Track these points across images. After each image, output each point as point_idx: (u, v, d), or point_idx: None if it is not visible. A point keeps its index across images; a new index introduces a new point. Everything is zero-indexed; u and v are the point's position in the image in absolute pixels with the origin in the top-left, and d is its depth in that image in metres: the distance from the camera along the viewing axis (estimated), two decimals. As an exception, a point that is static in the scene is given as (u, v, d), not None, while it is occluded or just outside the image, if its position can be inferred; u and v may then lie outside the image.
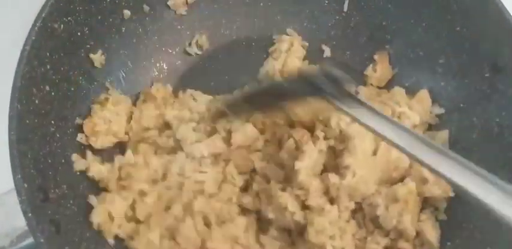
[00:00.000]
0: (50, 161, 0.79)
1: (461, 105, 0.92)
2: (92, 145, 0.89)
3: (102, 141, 0.89)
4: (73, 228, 0.78)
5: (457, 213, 0.86)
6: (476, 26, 0.88)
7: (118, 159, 0.89)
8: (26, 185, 0.70)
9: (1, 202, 0.85)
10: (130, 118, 0.94)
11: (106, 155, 0.91)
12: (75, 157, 0.86)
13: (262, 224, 0.89)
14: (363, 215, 0.86)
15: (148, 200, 0.85)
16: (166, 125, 0.95)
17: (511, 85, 0.83)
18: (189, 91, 1.00)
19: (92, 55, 0.93)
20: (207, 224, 0.86)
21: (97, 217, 0.82)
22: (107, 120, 0.90)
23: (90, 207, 0.84)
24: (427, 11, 0.96)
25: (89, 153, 0.89)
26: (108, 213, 0.83)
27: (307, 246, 0.83)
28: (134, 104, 0.97)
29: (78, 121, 0.89)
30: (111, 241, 0.83)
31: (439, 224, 0.86)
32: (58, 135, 0.83)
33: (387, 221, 0.83)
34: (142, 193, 0.86)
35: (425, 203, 0.89)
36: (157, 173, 0.88)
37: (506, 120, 0.83)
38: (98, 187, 0.88)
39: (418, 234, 0.85)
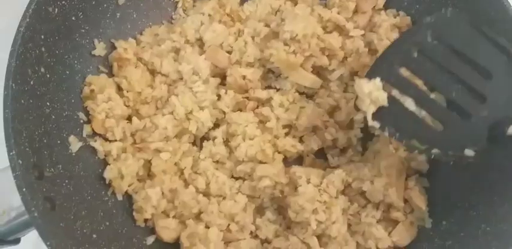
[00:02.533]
0: (45, 141, 0.80)
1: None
2: (110, 138, 0.91)
3: (117, 131, 0.90)
4: (68, 206, 0.78)
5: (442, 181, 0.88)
6: (468, 4, 0.89)
7: (128, 127, 0.91)
8: (20, 162, 0.71)
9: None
10: (120, 89, 0.95)
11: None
12: (72, 139, 0.87)
13: (259, 208, 0.90)
14: (352, 190, 0.87)
15: (163, 156, 0.88)
16: (153, 73, 0.97)
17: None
18: (147, 30, 1.02)
19: (96, 44, 0.95)
20: (207, 195, 0.88)
21: (109, 173, 0.87)
22: (108, 111, 0.90)
23: (86, 188, 0.84)
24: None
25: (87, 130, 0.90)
26: (119, 171, 0.87)
27: (301, 230, 0.84)
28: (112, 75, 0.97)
29: (81, 116, 0.91)
30: (120, 197, 0.89)
31: (434, 204, 0.86)
32: (53, 117, 0.84)
33: (374, 195, 0.84)
34: (158, 151, 0.89)
35: (410, 169, 0.90)
36: (168, 130, 0.91)
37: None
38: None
39: (407, 201, 0.86)
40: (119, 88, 0.95)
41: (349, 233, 0.85)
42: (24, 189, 0.69)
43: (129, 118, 0.94)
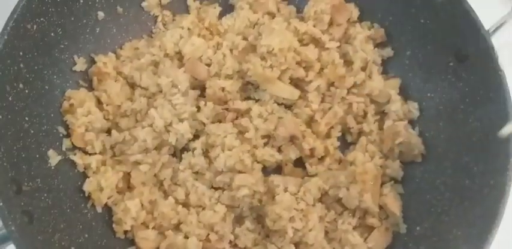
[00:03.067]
0: (23, 155, 0.81)
1: (429, 95, 0.94)
2: (89, 151, 0.92)
3: (97, 144, 0.92)
4: (47, 220, 0.79)
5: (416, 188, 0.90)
6: (438, 17, 0.91)
7: (107, 140, 0.93)
8: (-3, 177, 0.72)
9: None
10: (99, 102, 0.96)
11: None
12: (51, 152, 0.88)
13: (238, 217, 0.92)
14: (329, 198, 0.88)
15: (142, 167, 0.90)
16: (133, 87, 0.99)
17: (473, 73, 0.86)
18: (127, 44, 1.04)
19: (76, 59, 0.96)
20: (187, 206, 0.89)
21: (88, 186, 0.88)
22: (88, 125, 0.92)
23: (65, 201, 0.86)
24: (393, 5, 0.98)
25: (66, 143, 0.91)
26: (98, 183, 0.88)
27: (279, 238, 0.86)
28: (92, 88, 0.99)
29: (60, 130, 0.92)
30: (99, 209, 0.89)
31: (408, 210, 0.88)
32: (32, 131, 0.85)
33: (350, 201, 0.86)
34: (137, 163, 0.91)
35: (384, 176, 0.92)
36: (147, 142, 0.92)
37: (470, 106, 0.85)
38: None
39: (382, 207, 0.88)
40: (99, 102, 0.97)
41: (326, 240, 0.87)
42: (1, 203, 0.70)
43: (108, 131, 0.95)
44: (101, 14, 0.99)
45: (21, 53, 0.84)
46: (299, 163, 0.97)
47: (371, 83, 0.97)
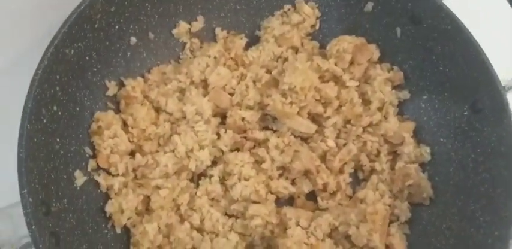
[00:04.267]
0: (53, 176, 0.85)
1: (441, 140, 0.98)
2: (113, 173, 0.96)
3: (120, 166, 0.95)
4: (71, 241, 0.83)
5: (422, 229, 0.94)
6: (457, 67, 0.95)
7: (130, 162, 0.96)
8: (31, 200, 0.76)
9: (9, 214, 0.91)
10: (125, 125, 1.00)
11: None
12: (77, 173, 0.91)
13: (249, 246, 0.96)
14: (338, 234, 0.92)
15: (162, 192, 0.94)
16: (158, 111, 1.03)
17: (487, 125, 0.89)
18: (155, 68, 1.07)
19: (107, 83, 1.00)
20: (201, 231, 0.94)
21: (110, 207, 0.92)
22: (113, 146, 0.95)
23: (87, 221, 0.89)
24: (414, 50, 1.03)
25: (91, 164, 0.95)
26: (119, 205, 0.92)
27: None
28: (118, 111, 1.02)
29: (87, 150, 0.95)
30: (118, 230, 0.93)
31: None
32: (62, 152, 0.89)
33: (359, 239, 0.90)
34: (157, 187, 0.95)
35: (392, 215, 0.96)
36: (168, 167, 0.96)
37: (481, 156, 0.89)
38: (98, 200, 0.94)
39: (388, 247, 0.92)
40: (125, 124, 1.00)
41: (333, 275, 0.91)
42: (33, 226, 0.74)
43: (131, 154, 0.99)
44: (133, 39, 1.03)
45: (57, 77, 0.88)
46: (311, 195, 1.01)
47: (386, 124, 1.01)
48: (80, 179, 0.91)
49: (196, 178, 1.01)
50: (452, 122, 0.96)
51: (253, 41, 1.13)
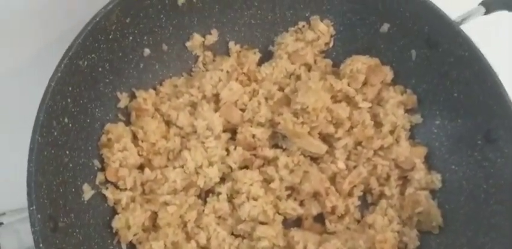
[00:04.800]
0: (61, 190, 0.83)
1: (453, 167, 0.98)
2: (121, 187, 0.94)
3: (129, 180, 0.94)
4: (77, 258, 0.81)
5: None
6: (472, 95, 0.95)
7: (139, 177, 0.95)
8: (39, 216, 0.74)
9: (16, 229, 0.90)
10: (135, 138, 0.99)
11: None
12: (85, 186, 0.90)
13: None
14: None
15: (170, 209, 0.92)
16: (168, 124, 1.02)
17: (500, 156, 0.89)
18: (167, 81, 1.06)
19: (119, 95, 0.99)
20: None
21: (117, 223, 0.90)
22: (122, 160, 0.94)
23: (94, 236, 0.88)
24: (428, 74, 1.02)
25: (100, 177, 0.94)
26: (126, 221, 0.90)
27: None
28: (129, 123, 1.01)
29: (96, 163, 0.94)
30: (124, 246, 0.91)
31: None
32: (71, 165, 0.87)
33: (367, 269, 0.89)
34: (165, 204, 0.93)
35: (401, 243, 0.95)
36: (176, 183, 0.95)
37: (493, 187, 0.89)
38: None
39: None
40: (134, 137, 0.99)
41: None
42: (41, 245, 0.72)
43: (141, 167, 0.98)
44: (147, 51, 1.02)
45: (70, 88, 0.86)
46: (318, 217, 1.00)
47: (398, 148, 1.00)
48: (87, 193, 0.90)
49: (204, 194, 1.00)
50: (465, 150, 0.96)
51: (266, 56, 1.12)
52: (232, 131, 1.04)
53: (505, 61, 0.97)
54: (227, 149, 1.01)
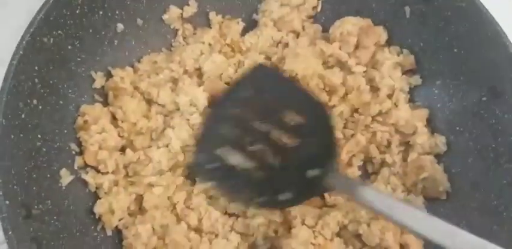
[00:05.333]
0: (34, 176, 0.78)
1: (458, 128, 0.90)
2: (102, 170, 0.88)
3: (110, 163, 0.88)
4: (56, 245, 0.76)
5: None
6: (473, 49, 0.87)
7: (121, 159, 0.89)
8: (7, 202, 0.69)
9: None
10: (114, 119, 0.93)
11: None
12: (63, 172, 0.84)
13: (251, 246, 0.88)
14: (348, 232, 0.85)
15: (156, 191, 0.87)
16: (150, 103, 0.95)
17: (508, 111, 0.81)
18: (146, 57, 1.00)
19: (93, 74, 0.93)
20: (199, 232, 0.86)
21: (100, 208, 0.85)
22: (102, 142, 0.88)
23: (75, 223, 0.83)
24: (424, 31, 0.94)
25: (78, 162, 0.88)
26: (109, 205, 0.85)
27: None
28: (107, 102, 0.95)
29: (73, 147, 0.88)
30: (109, 232, 0.86)
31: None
32: (44, 149, 0.82)
33: (370, 238, 0.82)
34: (151, 185, 0.87)
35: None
36: (162, 164, 0.89)
37: (502, 146, 0.81)
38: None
39: (403, 246, 0.84)
40: (114, 118, 0.93)
41: (343, 277, 0.84)
42: (10, 232, 0.67)
43: (122, 149, 0.92)
44: (120, 26, 0.96)
45: (36, 68, 0.80)
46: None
47: (397, 112, 0.93)
48: (65, 178, 0.84)
49: (193, 174, 0.94)
50: (470, 108, 0.88)
51: (251, 25, 1.05)
52: (218, 105, 0.97)
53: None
54: (215, 126, 0.94)
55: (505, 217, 0.76)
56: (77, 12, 0.87)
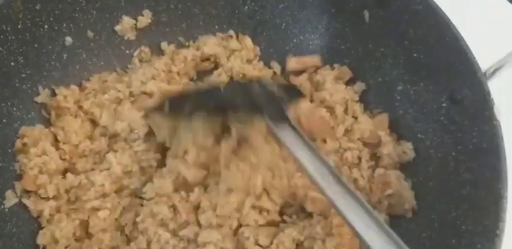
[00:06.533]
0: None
1: (419, 136, 0.86)
2: (42, 195, 0.84)
3: (50, 188, 0.84)
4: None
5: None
6: (432, 53, 0.84)
7: (62, 183, 0.85)
8: None
9: None
10: (57, 140, 0.89)
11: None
12: (8, 193, 0.82)
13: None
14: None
15: (101, 214, 0.82)
16: (94, 124, 0.92)
17: (467, 118, 0.77)
18: (95, 76, 0.96)
19: (40, 90, 0.90)
20: None
21: (42, 239, 0.81)
22: (42, 166, 0.84)
23: (17, 247, 0.79)
24: (385, 36, 0.91)
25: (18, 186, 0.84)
26: (52, 235, 0.80)
27: None
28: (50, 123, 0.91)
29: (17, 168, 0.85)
30: None
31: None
32: (-15, 170, 0.78)
33: (325, 256, 0.78)
34: (95, 209, 0.83)
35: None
36: (105, 187, 0.84)
37: (462, 154, 0.77)
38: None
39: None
40: (56, 140, 0.89)
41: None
42: None
43: (64, 173, 0.87)
44: (68, 40, 0.92)
45: (-25, 86, 0.78)
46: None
47: (359, 126, 0.89)
48: (10, 200, 0.82)
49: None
50: (430, 115, 0.84)
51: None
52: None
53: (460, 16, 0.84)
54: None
55: (463, 230, 0.72)
56: (19, 27, 0.84)
